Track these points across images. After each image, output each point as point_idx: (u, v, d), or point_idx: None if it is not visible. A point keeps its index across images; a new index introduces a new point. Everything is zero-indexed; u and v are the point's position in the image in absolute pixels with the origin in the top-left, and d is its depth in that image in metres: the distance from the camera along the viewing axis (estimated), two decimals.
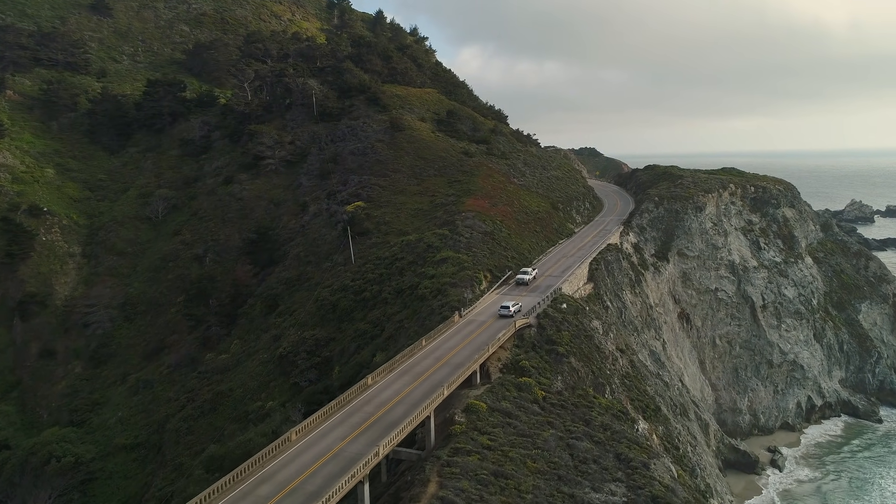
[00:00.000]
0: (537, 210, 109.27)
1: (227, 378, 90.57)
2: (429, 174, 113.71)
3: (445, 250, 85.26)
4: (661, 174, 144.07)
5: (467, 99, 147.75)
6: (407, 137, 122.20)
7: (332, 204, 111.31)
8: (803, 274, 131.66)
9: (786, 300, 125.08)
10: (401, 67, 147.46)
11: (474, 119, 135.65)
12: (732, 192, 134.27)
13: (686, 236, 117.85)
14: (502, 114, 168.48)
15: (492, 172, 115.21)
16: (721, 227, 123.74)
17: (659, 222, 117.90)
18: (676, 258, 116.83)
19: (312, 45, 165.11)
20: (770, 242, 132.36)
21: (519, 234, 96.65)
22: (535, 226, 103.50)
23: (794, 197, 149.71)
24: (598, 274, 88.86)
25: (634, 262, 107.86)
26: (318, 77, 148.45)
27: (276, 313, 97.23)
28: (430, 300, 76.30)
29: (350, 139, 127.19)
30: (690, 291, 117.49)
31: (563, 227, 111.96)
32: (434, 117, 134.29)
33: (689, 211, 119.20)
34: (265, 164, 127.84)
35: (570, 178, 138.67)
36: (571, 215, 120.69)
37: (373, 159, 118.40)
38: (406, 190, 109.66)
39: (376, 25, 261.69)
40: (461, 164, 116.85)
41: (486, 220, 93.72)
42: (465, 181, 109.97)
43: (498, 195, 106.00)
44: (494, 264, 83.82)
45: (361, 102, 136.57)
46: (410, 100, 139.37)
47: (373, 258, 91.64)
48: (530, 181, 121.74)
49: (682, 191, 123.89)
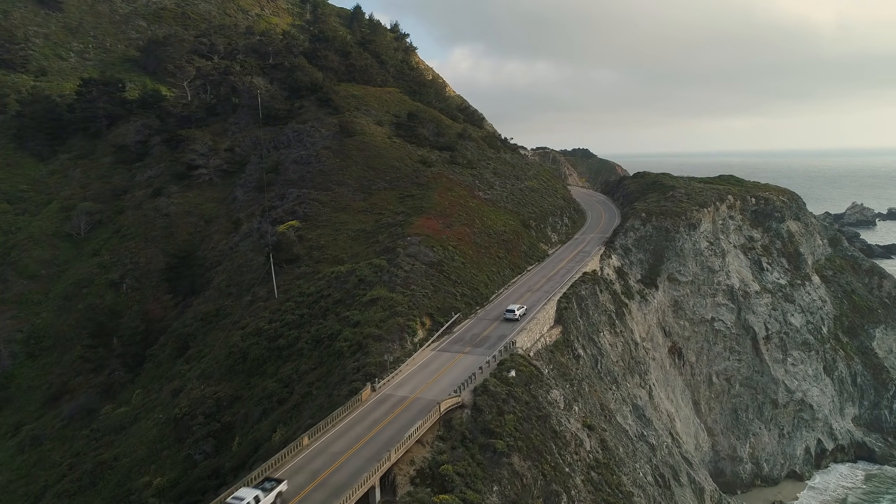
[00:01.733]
0: (503, 230, 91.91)
1: (119, 441, 73.41)
2: (378, 187, 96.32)
3: (378, 287, 68.00)
4: (651, 183, 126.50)
5: (434, 99, 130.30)
6: (357, 144, 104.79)
7: (265, 223, 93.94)
8: (811, 298, 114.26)
9: (792, 329, 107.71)
10: (360, 64, 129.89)
11: (439, 122, 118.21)
12: (731, 204, 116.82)
13: (678, 258, 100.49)
14: (477, 115, 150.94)
15: (452, 185, 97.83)
16: (718, 245, 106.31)
17: (646, 242, 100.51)
18: (667, 284, 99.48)
19: (265, 39, 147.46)
20: (774, 262, 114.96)
21: (476, 263, 79.33)
22: (498, 250, 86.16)
23: (800, 208, 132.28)
24: (567, 314, 71.56)
25: (617, 291, 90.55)
26: (268, 75, 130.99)
27: (184, 358, 79.99)
28: (346, 358, 59.08)
29: (295, 146, 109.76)
30: (683, 322, 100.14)
31: (535, 250, 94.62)
32: (393, 120, 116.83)
33: (681, 229, 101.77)
34: (197, 174, 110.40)
35: (547, 188, 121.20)
36: (546, 234, 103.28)
37: (316, 170, 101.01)
38: (350, 206, 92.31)
39: (353, 22, 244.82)
40: (417, 175, 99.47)
41: (436, 247, 76.44)
42: (418, 196, 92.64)
43: (455, 213, 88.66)
44: (437, 306, 66.55)
45: (312, 104, 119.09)
46: (368, 100, 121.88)
47: (296, 294, 74.42)
48: (499, 194, 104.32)
49: (673, 205, 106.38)
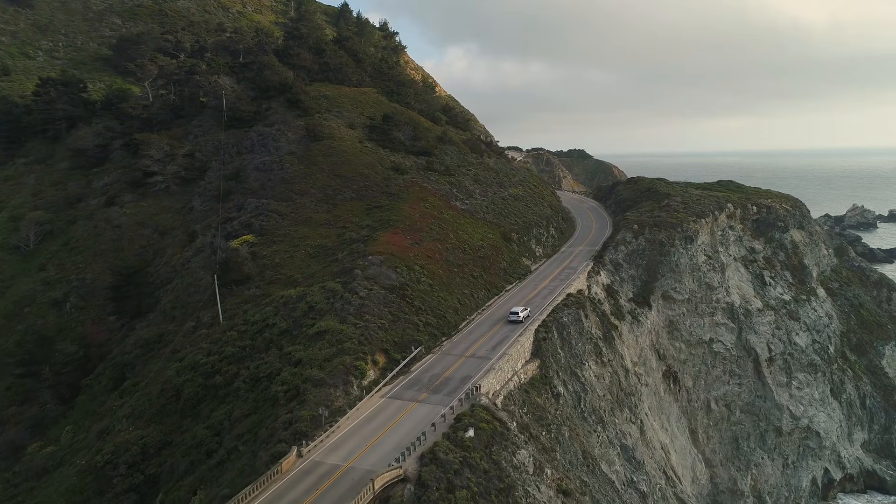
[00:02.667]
0: (481, 245, 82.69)
1: (39, 488, 64.32)
2: (344, 197, 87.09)
3: (328, 317, 58.81)
4: (645, 190, 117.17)
5: (413, 100, 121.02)
6: (324, 149, 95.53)
7: (219, 237, 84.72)
8: (818, 314, 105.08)
9: (797, 350, 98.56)
10: (334, 63, 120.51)
11: (416, 125, 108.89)
12: (731, 213, 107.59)
13: (673, 274, 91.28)
14: (462, 116, 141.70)
15: (426, 195, 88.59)
16: (717, 259, 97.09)
17: (639, 257, 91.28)
18: (661, 303, 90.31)
19: (235, 37, 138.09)
20: (777, 275, 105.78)
21: (447, 285, 70.10)
22: (473, 268, 76.94)
23: (803, 216, 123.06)
24: (546, 346, 62.34)
25: (606, 312, 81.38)
26: (237, 74, 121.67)
27: (119, 391, 70.80)
28: (281, 406, 49.94)
29: (259, 150, 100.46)
30: (679, 344, 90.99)
31: (516, 266, 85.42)
32: (367, 123, 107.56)
33: (676, 242, 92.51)
34: (153, 181, 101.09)
35: (533, 196, 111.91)
36: (529, 247, 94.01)
37: (278, 177, 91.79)
38: (311, 219, 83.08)
39: (340, 20, 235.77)
40: (388, 183, 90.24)
41: (400, 267, 67.26)
42: (387, 207, 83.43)
43: (427, 227, 79.45)
44: (394, 339, 57.36)
45: (280, 105, 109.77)
46: (341, 101, 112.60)
47: (240, 321, 65.21)
48: (478, 204, 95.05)
49: (668, 215, 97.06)
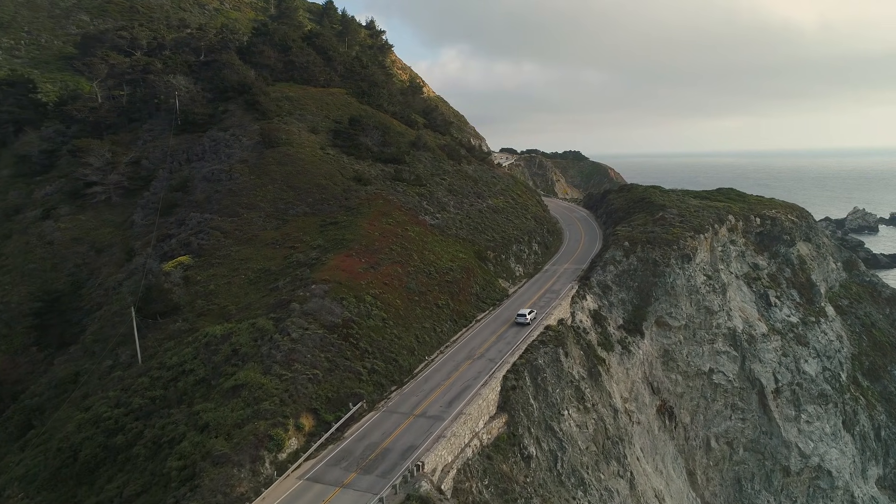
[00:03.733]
0: (450, 266, 72.12)
1: None
2: (297, 212, 76.50)
3: (250, 366, 48.26)
4: (639, 200, 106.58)
5: (386, 102, 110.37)
6: (279, 157, 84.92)
7: (153, 257, 74.17)
8: (828, 338, 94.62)
9: (806, 379, 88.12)
10: (300, 61, 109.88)
11: (387, 129, 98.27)
12: (732, 226, 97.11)
13: (668, 298, 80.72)
14: (444, 119, 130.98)
15: (389, 209, 78.02)
16: (717, 279, 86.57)
17: (630, 278, 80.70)
18: (654, 330, 79.79)
19: (197, 33, 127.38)
20: (783, 295, 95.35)
21: (404, 319, 59.55)
22: (438, 296, 66.38)
23: (810, 227, 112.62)
24: (516, 397, 51.83)
25: (592, 343, 70.87)
26: (196, 74, 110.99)
27: (22, 442, 60.21)
28: (172, 489, 39.42)
29: (210, 158, 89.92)
30: (675, 376, 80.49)
31: (491, 291, 74.87)
32: (333, 127, 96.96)
33: (672, 261, 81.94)
34: (92, 192, 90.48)
35: (515, 207, 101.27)
36: (508, 267, 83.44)
37: (225, 189, 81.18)
38: (257, 237, 72.45)
39: (324, 17, 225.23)
40: (347, 195, 79.66)
41: (348, 298, 56.74)
42: (344, 224, 72.85)
43: (387, 247, 68.88)
44: (328, 394, 46.83)
45: (239, 107, 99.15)
46: (305, 103, 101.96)
47: (156, 364, 54.68)
48: (451, 218, 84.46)
49: (662, 231, 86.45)
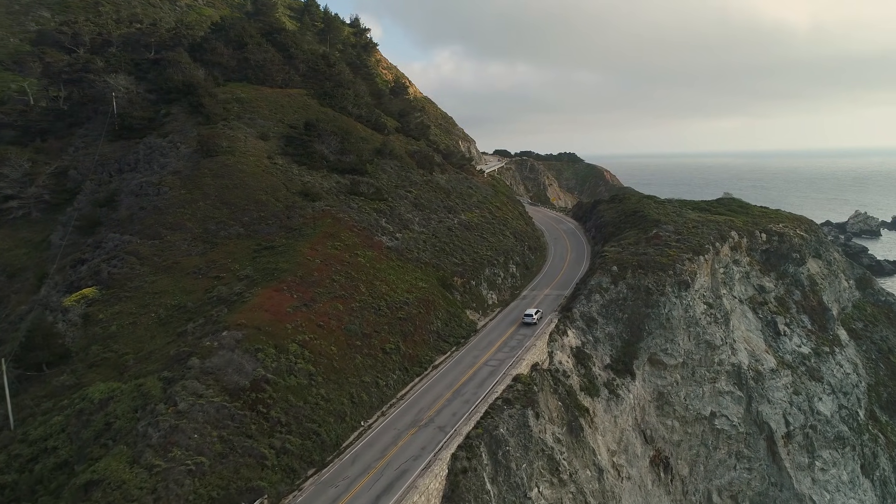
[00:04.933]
0: (405, 299, 60.60)
1: None
2: (229, 234, 64.92)
3: (118, 449, 36.86)
4: (631, 213, 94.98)
5: (351, 104, 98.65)
6: (217, 168, 73.37)
7: (59, 289, 62.62)
8: (844, 371, 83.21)
9: (821, 421, 76.68)
10: (256, 59, 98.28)
11: (348, 134, 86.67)
12: (735, 243, 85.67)
13: (663, 332, 69.17)
14: (421, 123, 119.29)
15: (339, 229, 66.45)
16: (720, 308, 75.09)
17: (619, 309, 69.14)
18: (647, 369, 68.29)
19: (147, 28, 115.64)
20: (793, 321, 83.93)
21: (338, 372, 48.02)
22: (388, 337, 54.86)
23: (820, 241, 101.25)
24: (467, 483, 40.35)
25: (573, 388, 59.43)
26: (143, 73, 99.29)
27: None
28: None
29: (143, 168, 78.37)
30: (671, 422, 69.00)
31: (455, 325, 63.32)
32: (287, 132, 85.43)
33: (667, 289, 70.36)
34: (8, 207, 78.86)
35: (492, 223, 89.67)
36: (479, 294, 71.90)
37: (151, 205, 69.62)
38: (178, 265, 60.88)
39: (304, 14, 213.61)
40: (291, 213, 68.10)
41: (265, 349, 45.26)
42: (281, 248, 61.33)
43: (328, 277, 57.37)
44: (213, 493, 35.27)
45: (183, 110, 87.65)
46: (258, 106, 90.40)
47: (20, 435, 43.23)
48: (413, 238, 72.89)
49: (657, 252, 74.90)
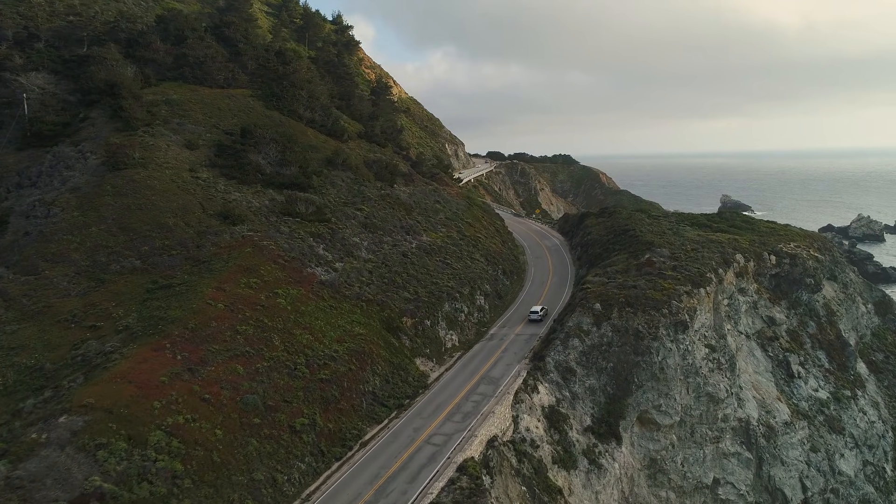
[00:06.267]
0: (334, 351, 47.99)
1: None
2: (122, 268, 52.28)
3: None
4: (621, 231, 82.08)
5: (303, 106, 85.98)
6: (123, 184, 60.76)
7: None
8: (868, 419, 70.66)
9: (844, 482, 64.11)
10: (195, 55, 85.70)
11: (292, 142, 74.09)
12: (741, 268, 73.06)
13: (656, 384, 56.44)
14: (390, 127, 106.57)
15: (259, 261, 53.83)
16: (724, 351, 62.39)
17: (602, 356, 56.44)
18: (637, 431, 55.66)
19: (80, 21, 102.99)
20: (808, 359, 71.35)
21: (219, 469, 35.44)
22: (300, 408, 42.28)
23: (835, 262, 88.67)
24: None
25: (543, 462, 46.93)
26: (70, 71, 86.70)
27: None
28: None
29: (44, 183, 65.83)
30: (666, 493, 56.36)
31: (398, 382, 50.70)
32: (220, 140, 72.82)
33: (661, 331, 57.62)
34: None
35: (460, 243, 76.94)
36: (435, 336, 59.24)
37: (36, 230, 57.03)
38: (51, 309, 48.25)
39: (282, 10, 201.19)
40: (202, 241, 55.48)
41: (114, 444, 32.75)
42: (180, 288, 48.73)
43: (229, 328, 44.77)
44: None
45: (104, 114, 75.09)
46: (190, 108, 77.81)
47: None
48: (356, 269, 60.20)
49: (648, 284, 62.08)
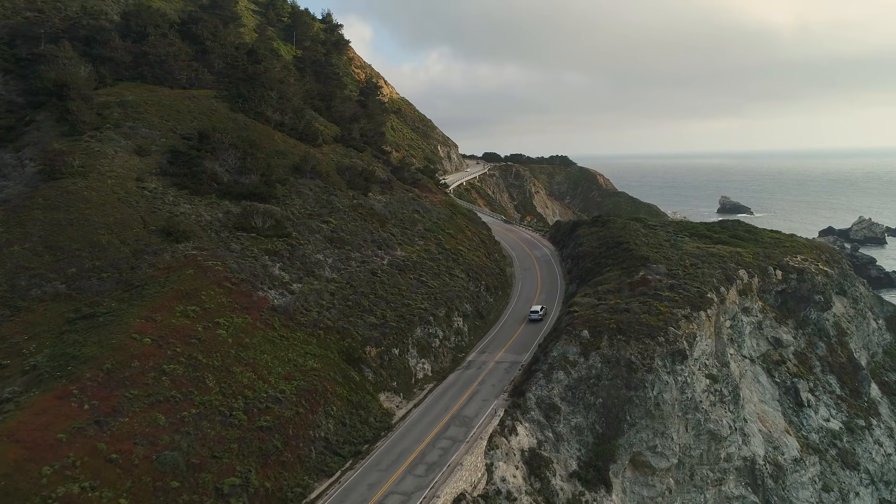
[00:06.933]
0: (279, 392, 41.49)
1: None
2: (44, 293, 45.67)
3: None
4: (615, 244, 75.40)
5: (271, 108, 79.47)
6: (55, 196, 54.24)
7: None
8: (884, 451, 64.19)
9: None
10: (157, 53, 79.27)
11: (254, 147, 67.59)
12: (745, 285, 66.55)
13: (651, 422, 49.84)
14: (373, 130, 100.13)
15: (202, 284, 47.30)
16: (727, 380, 55.82)
17: (590, 391, 49.87)
18: (629, 476, 49.07)
19: (35, 17, 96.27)
20: (818, 385, 64.89)
21: None
22: (233, 465, 35.83)
23: (845, 275, 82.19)
24: None
25: None
26: (24, 71, 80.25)
27: None
28: None
29: None
30: None
31: (356, 424, 44.17)
32: (176, 145, 66.27)
33: (657, 362, 50.99)
34: None
35: (438, 258, 70.33)
36: (405, 365, 52.70)
37: None
38: None
39: (269, 9, 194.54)
40: (138, 262, 48.93)
41: None
42: (104, 318, 42.22)
43: (154, 367, 38.32)
44: None
45: (51, 117, 68.67)
46: (146, 111, 71.27)
47: None
48: (317, 289, 53.64)
49: (642, 307, 55.45)
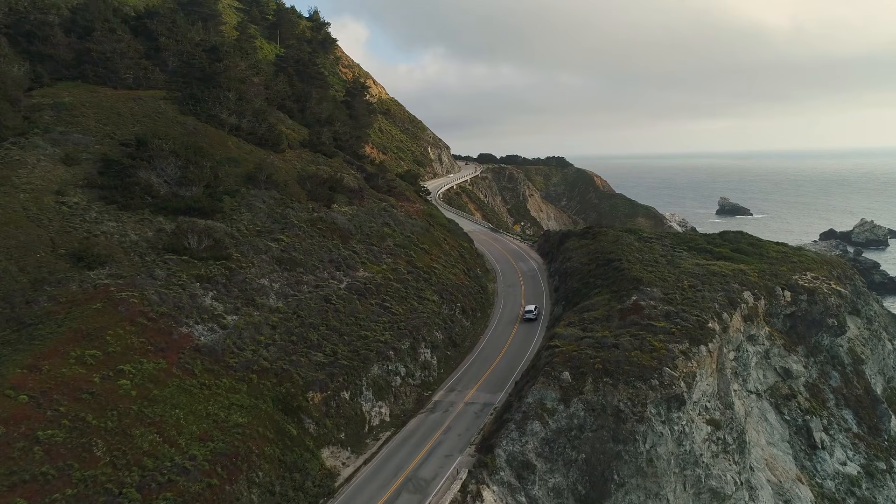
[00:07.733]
0: (188, 458, 33.81)
1: None
2: None
3: None
4: (605, 261, 67.48)
5: (227, 111, 71.77)
6: None
7: None
8: None
9: None
10: (101, 50, 71.59)
11: (199, 155, 59.88)
12: (750, 310, 58.82)
13: (642, 480, 42.09)
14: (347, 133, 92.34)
15: (108, 322, 39.53)
16: (731, 424, 48.03)
17: (571, 445, 42.14)
18: None
19: None
20: (833, 422, 57.20)
21: None
22: None
23: (858, 292, 74.51)
24: None
25: None
26: None
27: None
28: None
29: None
30: None
31: (288, 491, 36.43)
32: (110, 153, 58.49)
33: (649, 410, 43.22)
34: None
35: (407, 278, 62.57)
36: (355, 413, 44.88)
37: None
38: None
39: (253, 6, 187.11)
40: (37, 294, 40.74)
41: None
42: None
43: (26, 434, 30.58)
44: None
45: None
46: (82, 114, 63.45)
47: None
48: (255, 322, 45.91)
49: (633, 341, 47.62)
